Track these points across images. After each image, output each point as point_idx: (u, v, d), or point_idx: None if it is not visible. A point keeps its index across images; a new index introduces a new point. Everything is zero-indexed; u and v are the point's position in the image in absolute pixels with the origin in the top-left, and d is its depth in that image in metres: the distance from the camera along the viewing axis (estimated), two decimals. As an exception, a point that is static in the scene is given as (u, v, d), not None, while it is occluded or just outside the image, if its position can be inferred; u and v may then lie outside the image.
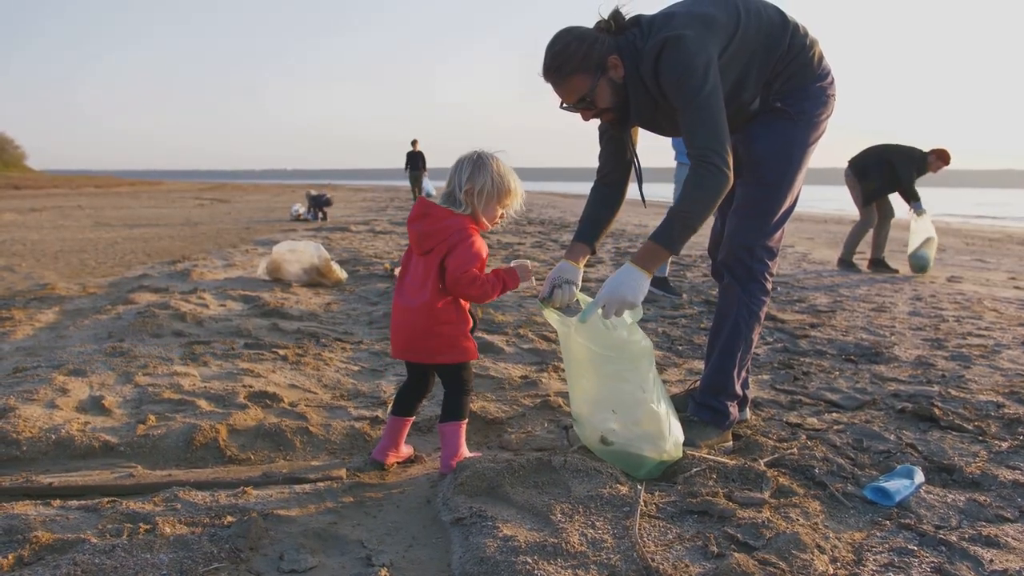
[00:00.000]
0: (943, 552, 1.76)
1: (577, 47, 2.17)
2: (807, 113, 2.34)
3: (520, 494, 1.90)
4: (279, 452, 2.37)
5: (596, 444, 2.21)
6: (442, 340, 2.12)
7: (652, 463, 2.12)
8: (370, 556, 1.71)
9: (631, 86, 2.25)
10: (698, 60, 2.11)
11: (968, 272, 7.73)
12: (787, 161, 2.36)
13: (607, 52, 2.20)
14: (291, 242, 5.97)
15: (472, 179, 2.09)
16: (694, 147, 2.13)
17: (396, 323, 2.17)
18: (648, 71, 2.19)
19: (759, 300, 2.41)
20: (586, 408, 2.24)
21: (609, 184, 2.54)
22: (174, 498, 1.91)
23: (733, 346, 2.42)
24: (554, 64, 2.19)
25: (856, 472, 2.20)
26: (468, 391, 2.22)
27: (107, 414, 2.60)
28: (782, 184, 2.36)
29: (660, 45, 2.14)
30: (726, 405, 2.43)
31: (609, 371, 2.14)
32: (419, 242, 2.11)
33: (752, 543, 1.72)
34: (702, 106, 2.11)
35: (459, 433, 2.20)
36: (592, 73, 2.19)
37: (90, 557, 1.58)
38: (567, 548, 1.63)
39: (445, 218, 2.09)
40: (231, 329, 4.02)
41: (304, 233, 10.62)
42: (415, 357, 2.17)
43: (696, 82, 2.10)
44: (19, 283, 5.85)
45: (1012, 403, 2.92)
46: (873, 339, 4.11)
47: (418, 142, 19.95)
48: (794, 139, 2.35)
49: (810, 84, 2.34)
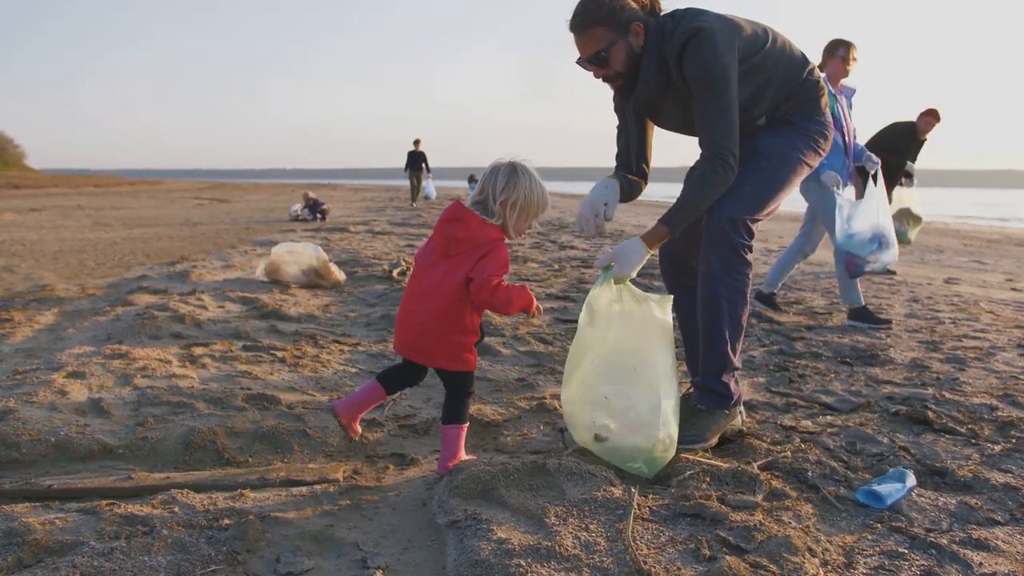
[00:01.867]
0: (933, 555, 1.78)
1: (608, 4, 2.30)
2: (810, 132, 2.48)
3: (515, 497, 1.92)
4: (277, 454, 2.39)
5: (590, 443, 2.24)
6: (447, 346, 2.12)
7: (644, 455, 2.13)
8: (366, 559, 1.73)
9: (646, 60, 2.35)
10: (726, 59, 2.24)
11: (965, 274, 7.75)
12: (785, 157, 2.45)
13: (633, 17, 2.32)
14: (290, 243, 5.99)
15: (508, 191, 2.09)
16: (713, 142, 2.27)
17: (405, 319, 2.16)
18: (673, 54, 2.29)
19: (742, 275, 2.38)
20: (579, 397, 2.27)
21: (626, 163, 2.62)
22: (172, 500, 1.93)
23: (720, 326, 2.39)
24: (581, 9, 2.32)
25: (849, 475, 2.22)
26: (469, 394, 2.23)
27: (106, 416, 2.61)
28: (778, 174, 2.43)
29: (692, 32, 2.25)
30: (726, 385, 2.43)
31: (626, 335, 2.22)
32: (447, 245, 2.09)
33: (744, 546, 1.74)
34: (725, 105, 2.25)
35: (459, 437, 2.22)
36: (614, 30, 2.31)
37: (89, 560, 1.60)
38: (560, 551, 1.65)
39: (479, 227, 2.09)
40: (229, 331, 4.04)
41: (303, 233, 10.64)
42: (417, 357, 2.18)
43: (723, 79, 2.24)
44: (18, 284, 5.87)
45: (1006, 406, 2.94)
46: (869, 341, 4.13)
47: (420, 142, 19.44)
48: (795, 144, 2.48)
49: (815, 115, 2.50)
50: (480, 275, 2.04)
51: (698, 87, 2.26)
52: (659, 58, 2.32)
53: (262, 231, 11.55)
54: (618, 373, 2.23)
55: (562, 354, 3.72)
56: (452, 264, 2.08)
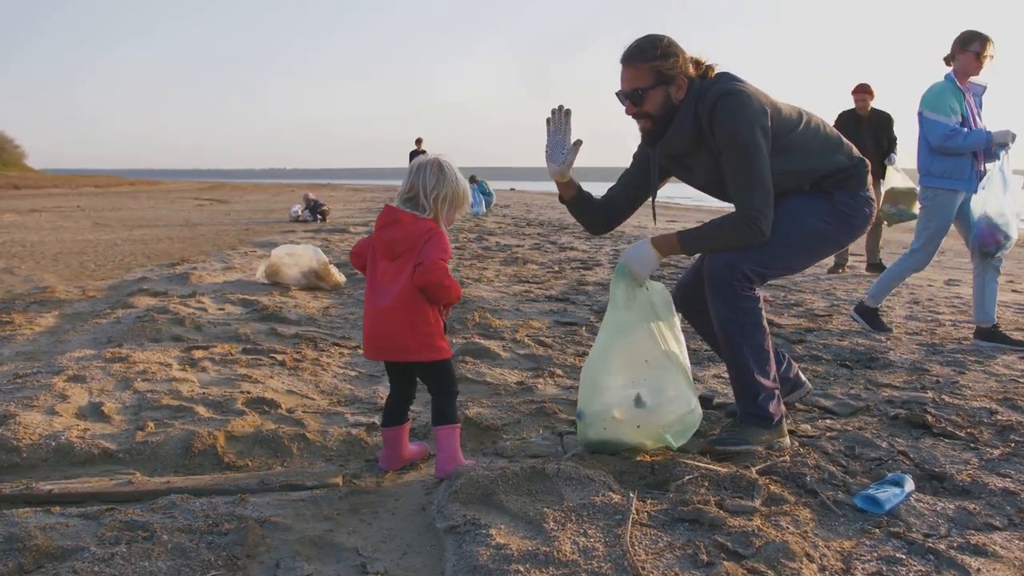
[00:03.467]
0: (931, 561, 1.78)
1: (664, 48, 2.35)
2: (844, 205, 2.49)
3: (514, 502, 1.93)
4: (276, 459, 2.39)
5: (627, 408, 2.35)
6: (418, 337, 2.18)
7: (679, 423, 2.35)
8: (365, 564, 1.74)
9: (680, 113, 2.39)
10: (757, 123, 2.30)
11: (967, 275, 7.74)
12: (801, 223, 2.46)
13: (682, 71, 2.37)
14: (290, 245, 6.00)
15: (439, 186, 2.22)
16: (749, 205, 2.31)
17: (370, 324, 2.23)
18: (705, 112, 2.33)
19: (750, 310, 2.41)
20: (612, 369, 2.38)
21: (609, 201, 2.67)
22: (172, 505, 1.94)
23: (742, 358, 2.43)
24: (636, 46, 2.37)
25: (847, 480, 2.22)
26: (454, 392, 2.28)
27: (106, 420, 2.62)
28: (787, 237, 2.42)
29: (725, 93, 2.31)
30: (765, 407, 2.44)
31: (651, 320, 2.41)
32: (390, 248, 2.19)
33: (742, 551, 1.74)
34: (757, 169, 2.30)
35: (453, 437, 2.24)
36: (661, 75, 2.35)
37: (89, 565, 1.61)
38: (559, 556, 1.65)
39: (414, 223, 2.19)
40: (229, 334, 4.05)
41: (303, 234, 10.65)
42: (391, 356, 2.25)
43: (753, 143, 2.28)
44: (19, 286, 5.88)
45: (1005, 409, 2.95)
46: (869, 344, 4.14)
47: (422, 141, 18.98)
48: (821, 213, 2.47)
49: (857, 190, 2.51)
50: (426, 258, 2.14)
51: (728, 148, 2.31)
52: (694, 114, 2.37)
53: (262, 232, 11.56)
54: (651, 352, 2.39)
55: (561, 356, 3.72)
56: (399, 264, 2.18)
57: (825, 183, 2.49)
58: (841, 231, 2.51)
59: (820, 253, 2.57)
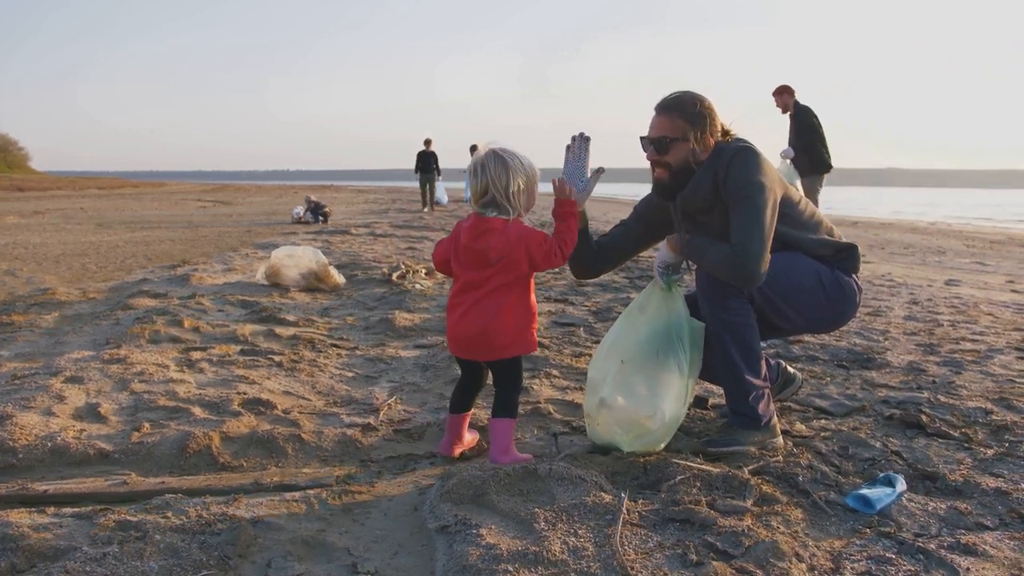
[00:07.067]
0: (920, 560, 1.79)
1: (700, 108, 2.41)
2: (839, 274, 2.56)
3: (505, 502, 1.94)
4: (271, 459, 2.40)
5: (596, 405, 2.38)
6: (516, 334, 2.23)
7: (637, 427, 2.33)
8: (356, 563, 1.75)
9: (701, 170, 2.43)
10: (767, 176, 2.36)
11: (967, 275, 7.74)
12: (798, 261, 2.52)
13: (712, 134, 2.44)
14: (290, 247, 6.02)
15: (510, 182, 2.18)
16: (749, 253, 2.31)
17: (462, 326, 2.24)
18: (721, 168, 2.38)
19: (737, 309, 2.43)
20: (599, 365, 2.44)
21: (601, 249, 2.74)
22: (166, 506, 1.95)
23: (730, 357, 2.45)
24: (672, 98, 2.44)
25: (840, 480, 2.23)
26: (520, 388, 2.35)
27: (103, 421, 2.64)
28: (782, 269, 2.46)
29: (744, 148, 2.40)
30: (755, 408, 2.46)
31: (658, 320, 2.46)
32: (483, 255, 2.19)
33: (731, 551, 1.75)
34: (761, 216, 2.32)
35: (510, 430, 2.30)
36: (688, 130, 2.40)
37: (81, 565, 1.62)
38: (548, 556, 1.66)
39: (505, 229, 2.19)
40: (228, 335, 4.06)
41: (305, 236, 10.66)
42: (487, 356, 2.29)
43: (760, 191, 2.32)
44: (20, 287, 5.90)
45: (1000, 409, 2.94)
46: (866, 344, 4.13)
47: (432, 141, 17.64)
48: (820, 266, 2.54)
49: (850, 271, 2.61)
50: (538, 254, 2.20)
51: (738, 194, 2.34)
52: (712, 173, 2.41)
53: (264, 234, 11.58)
54: (645, 353, 2.41)
55: (558, 357, 3.73)
56: (498, 267, 2.19)
57: (826, 258, 2.57)
58: (831, 284, 2.54)
59: (807, 304, 2.55)
